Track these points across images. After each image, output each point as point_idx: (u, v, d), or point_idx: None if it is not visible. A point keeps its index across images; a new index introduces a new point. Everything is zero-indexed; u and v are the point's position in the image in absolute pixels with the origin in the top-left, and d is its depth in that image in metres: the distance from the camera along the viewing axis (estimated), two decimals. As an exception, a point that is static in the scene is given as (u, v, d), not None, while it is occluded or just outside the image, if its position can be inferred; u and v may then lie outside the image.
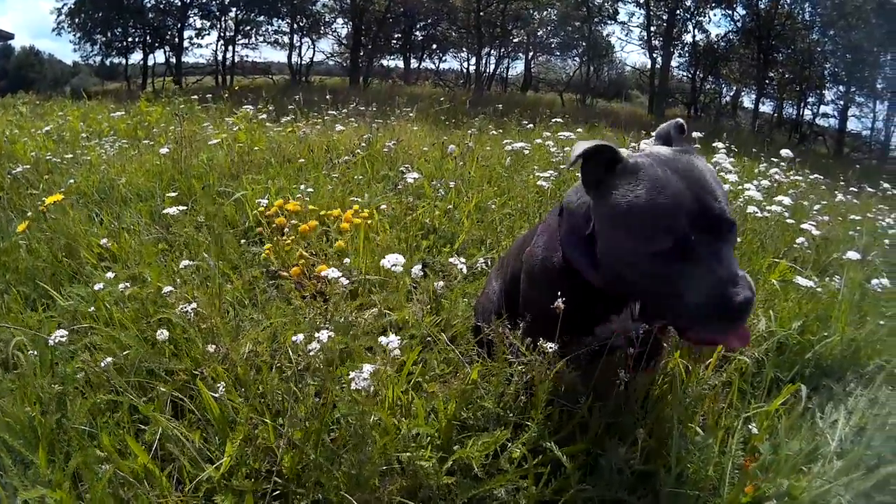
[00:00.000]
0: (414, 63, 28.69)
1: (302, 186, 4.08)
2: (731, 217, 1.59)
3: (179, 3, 26.72)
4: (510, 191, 4.67)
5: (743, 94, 26.53)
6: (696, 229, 1.53)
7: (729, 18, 25.21)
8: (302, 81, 25.59)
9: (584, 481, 1.86)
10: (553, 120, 8.34)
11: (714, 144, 5.91)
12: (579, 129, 8.38)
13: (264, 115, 7.73)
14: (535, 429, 1.89)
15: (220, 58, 27.56)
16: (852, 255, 3.53)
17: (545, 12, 26.15)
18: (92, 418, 2.10)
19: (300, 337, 1.92)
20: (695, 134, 5.68)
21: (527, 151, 5.83)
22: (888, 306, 3.49)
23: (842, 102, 24.88)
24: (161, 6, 26.98)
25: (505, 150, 5.73)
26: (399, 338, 1.92)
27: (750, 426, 2.28)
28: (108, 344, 2.46)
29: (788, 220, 4.18)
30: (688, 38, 25.79)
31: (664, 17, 24.81)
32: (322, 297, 2.58)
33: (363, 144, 5.76)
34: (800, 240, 3.79)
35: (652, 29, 25.32)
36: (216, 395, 1.95)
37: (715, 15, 26.92)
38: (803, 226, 3.77)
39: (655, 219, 1.56)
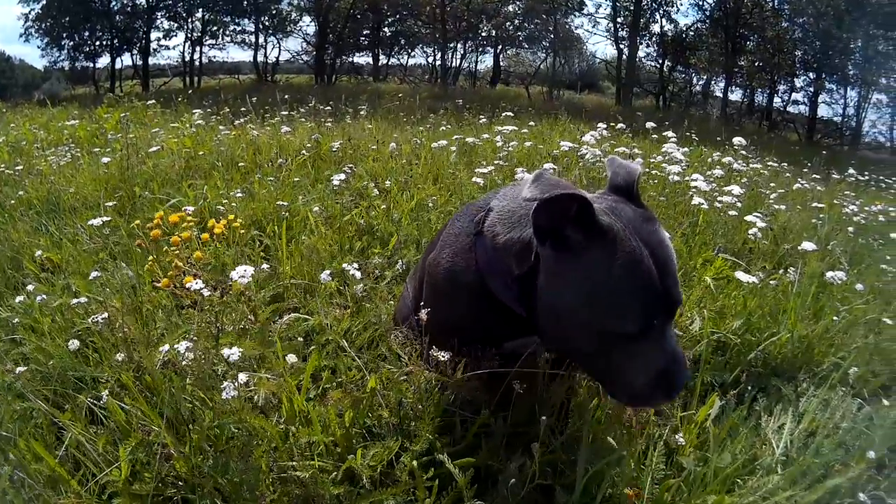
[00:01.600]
0: (384, 59, 28.57)
1: (241, 191, 4.11)
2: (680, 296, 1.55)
3: (146, 5, 26.41)
4: (454, 188, 4.54)
5: (713, 82, 26.58)
6: (659, 314, 1.50)
7: (697, 8, 25.31)
8: (268, 81, 25.41)
9: (483, 495, 1.75)
10: (504, 114, 8.16)
11: (665, 133, 5.74)
12: (531, 123, 8.25)
13: (219, 117, 7.73)
14: (424, 439, 1.81)
15: (187, 59, 27.32)
16: (808, 245, 3.34)
17: (511, 5, 26.14)
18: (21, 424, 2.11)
19: (182, 346, 1.92)
20: (651, 124, 5.56)
21: (478, 145, 5.76)
22: (845, 300, 3.33)
23: (812, 89, 25.02)
24: (128, 9, 26.71)
25: (452, 147, 5.69)
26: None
27: (677, 436, 2.12)
28: (35, 354, 2.47)
29: (731, 213, 4.01)
30: (656, 28, 25.94)
31: (630, 8, 24.72)
32: (209, 304, 2.40)
33: (307, 145, 5.73)
34: (752, 230, 3.61)
35: (619, 20, 25.31)
36: (99, 403, 2.02)
37: (682, 4, 27.15)
38: (748, 217, 3.55)
39: (629, 302, 1.47)
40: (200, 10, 26.93)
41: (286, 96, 9.31)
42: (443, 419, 1.92)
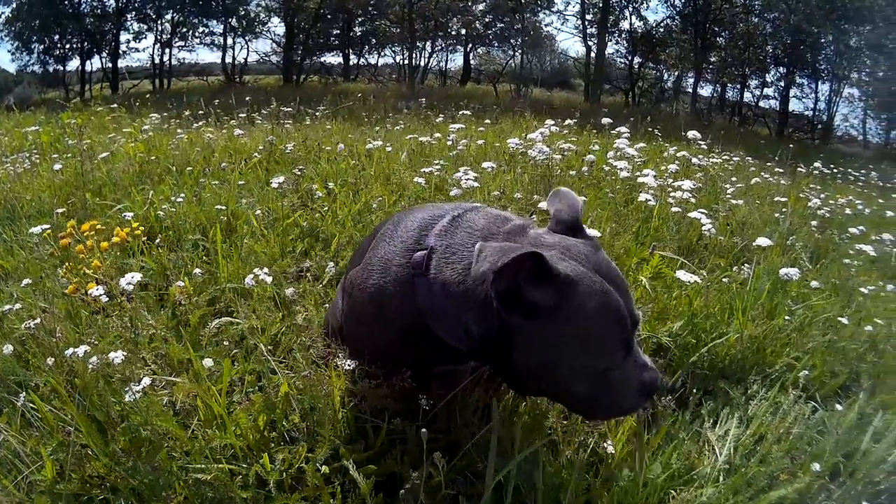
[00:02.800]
0: (354, 59, 28.33)
1: (185, 195, 4.05)
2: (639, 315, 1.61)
3: (115, 7, 26.13)
4: (403, 188, 4.48)
5: (684, 78, 26.61)
6: (631, 336, 1.54)
7: (667, 4, 25.33)
8: (236, 83, 25.23)
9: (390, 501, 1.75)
10: (461, 112, 8.07)
11: (616, 130, 5.63)
12: (487, 121, 8.21)
13: (179, 121, 7.77)
14: (329, 445, 1.83)
15: (157, 61, 27.06)
16: (763, 241, 3.23)
17: (480, 4, 26.03)
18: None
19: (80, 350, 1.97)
20: (608, 120, 5.47)
21: (432, 144, 5.73)
22: (804, 297, 3.22)
23: (782, 84, 25.10)
24: (97, 11, 26.44)
25: (404, 146, 5.73)
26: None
27: (606, 444, 2.00)
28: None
29: (675, 209, 3.89)
30: (625, 25, 25.84)
31: (599, 5, 24.67)
32: (118, 310, 2.52)
33: (260, 147, 5.72)
34: (706, 226, 3.50)
35: (588, 17, 25.27)
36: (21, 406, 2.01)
37: (652, 1, 27.23)
38: (692, 213, 3.43)
39: (611, 339, 1.52)
40: (170, 11, 26.73)
41: (247, 98, 9.20)
42: (357, 426, 1.93)
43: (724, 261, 3.61)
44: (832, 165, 9.10)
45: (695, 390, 2.44)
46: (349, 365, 1.89)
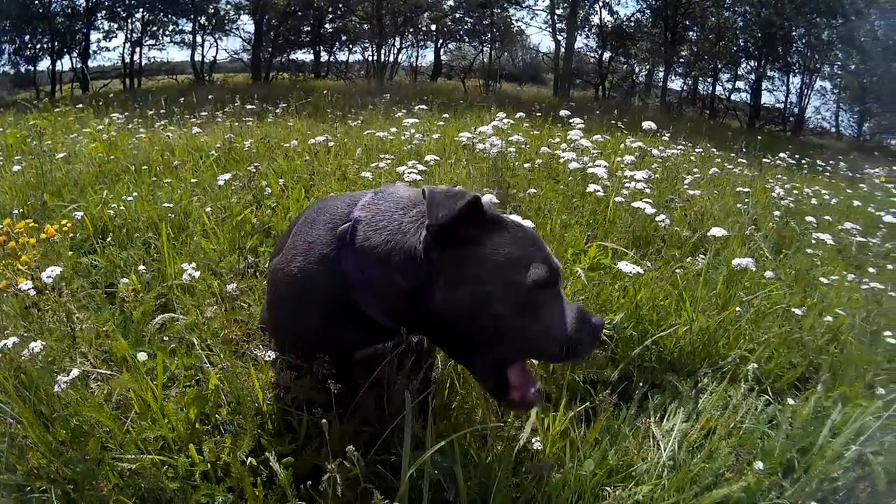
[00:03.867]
0: (326, 56, 28.13)
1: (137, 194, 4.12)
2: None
3: (85, 7, 25.89)
4: (357, 183, 4.46)
5: (656, 72, 26.68)
6: (555, 270, 1.64)
7: (637, -1, 25.39)
8: (206, 81, 25.03)
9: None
10: (418, 107, 8.05)
11: (572, 121, 5.55)
12: (446, 115, 8.19)
13: (141, 120, 7.77)
14: (251, 437, 1.87)
15: (127, 60, 26.81)
16: (717, 231, 3.15)
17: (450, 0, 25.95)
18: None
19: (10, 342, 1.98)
20: (566, 112, 5.42)
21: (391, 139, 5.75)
22: (752, 289, 3.14)
23: (752, 77, 25.17)
24: (68, 10, 26.18)
25: (361, 142, 5.76)
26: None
27: (534, 441, 1.95)
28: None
29: (618, 198, 3.82)
30: (595, 19, 25.74)
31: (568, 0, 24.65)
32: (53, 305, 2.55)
33: (218, 145, 5.76)
34: (660, 217, 3.42)
35: (558, 12, 25.14)
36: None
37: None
38: (635, 203, 3.34)
39: (539, 253, 1.63)
40: (140, 10, 26.49)
41: (210, 96, 9.28)
42: (285, 419, 1.97)
43: (679, 252, 3.53)
44: (797, 156, 9.04)
45: (641, 384, 2.36)
46: (268, 357, 1.96)
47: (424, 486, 1.68)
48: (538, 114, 7.34)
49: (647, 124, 5.01)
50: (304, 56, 27.99)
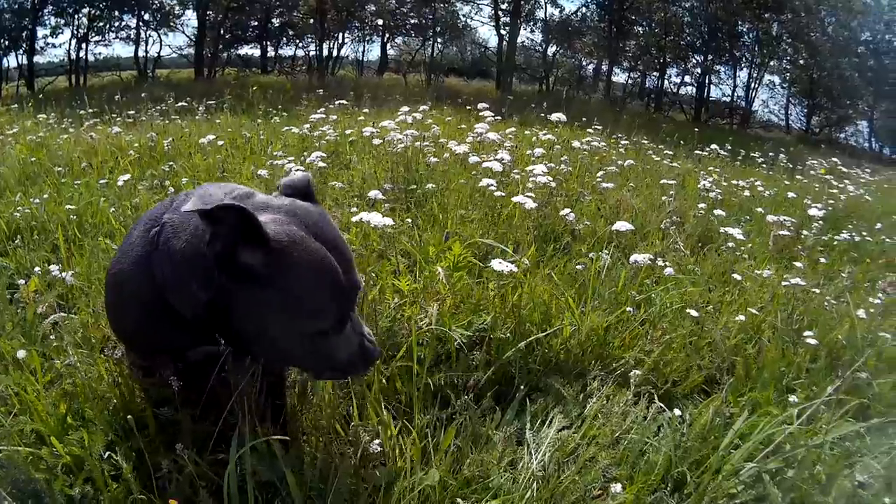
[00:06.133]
0: (273, 51, 27.92)
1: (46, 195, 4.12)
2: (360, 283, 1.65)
3: (33, 3, 25.47)
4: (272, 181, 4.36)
5: (604, 66, 26.83)
6: (346, 303, 1.60)
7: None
8: (150, 77, 24.74)
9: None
10: (338, 102, 7.97)
11: (482, 113, 5.42)
12: (366, 110, 8.22)
13: (70, 120, 7.74)
14: (101, 434, 1.89)
15: (73, 57, 26.43)
16: (622, 225, 3.01)
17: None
18: None
19: None
20: (484, 105, 5.36)
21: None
22: (646, 288, 3.01)
23: (699, 71, 25.47)
24: (14, 6, 25.75)
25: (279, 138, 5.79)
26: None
27: (374, 443, 1.87)
28: None
29: (497, 193, 3.62)
30: (541, 14, 25.86)
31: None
32: None
33: (136, 144, 5.77)
34: (564, 211, 3.28)
35: (503, 6, 25.06)
36: None
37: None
38: (516, 198, 3.17)
39: (325, 304, 1.55)
40: (86, 5, 26.12)
41: (142, 94, 9.01)
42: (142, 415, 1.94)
43: (585, 247, 3.40)
44: (729, 147, 8.98)
45: (522, 387, 2.20)
46: (106, 354, 2.04)
47: (248, 486, 1.66)
48: (468, 107, 7.24)
49: (555, 116, 4.89)
50: (252, 51, 27.82)
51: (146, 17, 26.53)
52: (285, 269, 1.47)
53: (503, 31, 24.73)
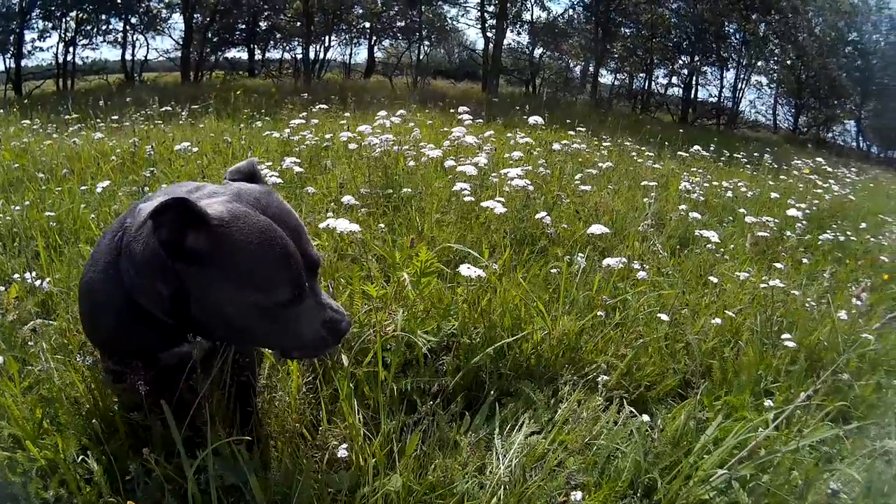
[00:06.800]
0: (260, 54, 27.90)
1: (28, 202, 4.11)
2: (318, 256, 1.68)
3: (20, 6, 25.37)
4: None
5: (591, 67, 26.84)
6: (299, 272, 1.58)
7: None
8: (137, 81, 24.67)
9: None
10: (319, 106, 7.91)
11: (460, 117, 5.40)
12: (347, 114, 8.13)
13: (54, 125, 7.71)
14: (74, 438, 1.91)
15: (60, 60, 26.34)
16: (596, 229, 2.99)
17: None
18: None
19: None
20: (464, 108, 5.30)
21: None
22: (620, 291, 3.00)
23: (685, 72, 25.54)
24: (2, 10, 25.66)
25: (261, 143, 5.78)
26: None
27: (341, 448, 1.86)
28: None
29: (467, 198, 3.65)
30: (527, 16, 25.77)
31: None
32: None
33: (118, 150, 5.79)
34: (541, 214, 3.26)
35: (490, 9, 25.00)
36: None
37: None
38: (486, 203, 3.16)
39: (277, 276, 1.56)
40: (74, 10, 26.02)
41: (127, 99, 9.05)
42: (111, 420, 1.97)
43: (561, 250, 3.38)
44: (713, 148, 9.00)
45: (493, 392, 2.19)
46: (79, 360, 2.05)
47: (211, 488, 1.65)
48: (452, 110, 7.25)
49: (532, 119, 4.88)
50: (239, 54, 27.74)
51: (133, 20, 26.39)
52: (228, 244, 1.50)
53: (489, 34, 24.72)
